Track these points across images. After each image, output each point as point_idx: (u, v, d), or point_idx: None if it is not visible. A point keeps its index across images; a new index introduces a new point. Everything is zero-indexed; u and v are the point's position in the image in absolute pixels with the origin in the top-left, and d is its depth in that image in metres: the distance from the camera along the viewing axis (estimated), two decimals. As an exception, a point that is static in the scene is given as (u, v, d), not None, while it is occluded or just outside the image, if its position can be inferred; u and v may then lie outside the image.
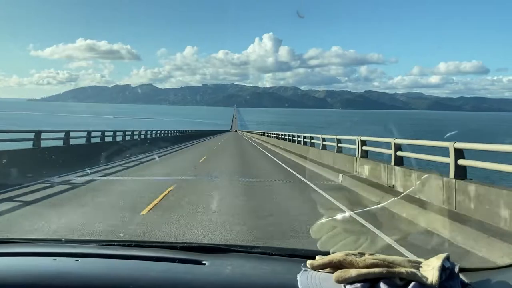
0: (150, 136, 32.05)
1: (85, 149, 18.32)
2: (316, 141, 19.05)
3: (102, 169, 14.54)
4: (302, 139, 23.23)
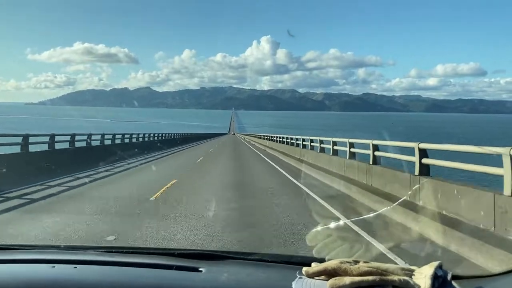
0: (136, 141, 29.52)
1: (69, 154, 16.89)
2: (342, 148, 13.58)
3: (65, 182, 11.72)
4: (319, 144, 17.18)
